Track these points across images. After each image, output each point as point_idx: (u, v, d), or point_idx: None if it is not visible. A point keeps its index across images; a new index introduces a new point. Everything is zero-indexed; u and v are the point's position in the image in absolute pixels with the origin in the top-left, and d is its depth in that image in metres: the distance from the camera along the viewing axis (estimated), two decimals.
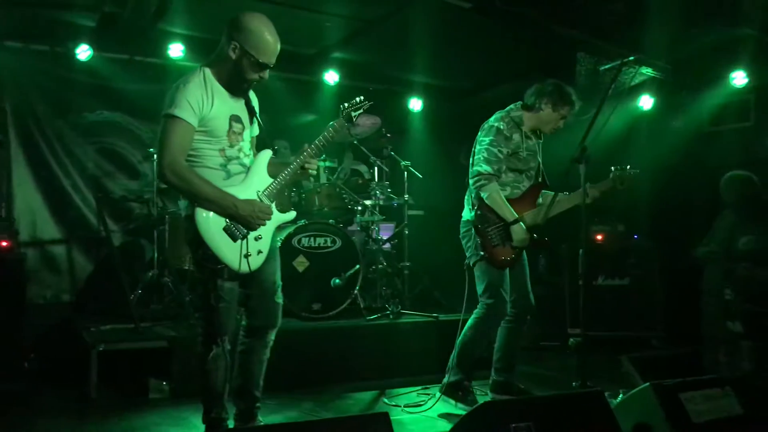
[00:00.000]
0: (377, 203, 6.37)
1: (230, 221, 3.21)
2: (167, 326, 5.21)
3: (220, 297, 3.27)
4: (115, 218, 6.59)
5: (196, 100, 3.15)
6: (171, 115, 3.13)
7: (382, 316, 5.68)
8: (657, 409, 2.86)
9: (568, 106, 4.24)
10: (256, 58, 3.20)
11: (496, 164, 4.12)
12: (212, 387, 3.38)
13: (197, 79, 3.22)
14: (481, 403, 2.60)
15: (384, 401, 4.57)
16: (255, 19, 3.23)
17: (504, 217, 4.10)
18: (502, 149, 4.13)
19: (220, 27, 3.23)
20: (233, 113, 3.32)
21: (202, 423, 3.47)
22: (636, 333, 6.38)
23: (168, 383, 4.60)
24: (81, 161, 6.56)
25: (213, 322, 3.30)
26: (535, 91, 4.28)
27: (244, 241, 3.23)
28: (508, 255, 4.15)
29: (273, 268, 3.50)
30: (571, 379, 4.27)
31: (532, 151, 4.31)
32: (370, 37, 6.24)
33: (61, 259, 6.39)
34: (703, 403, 2.92)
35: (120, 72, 6.48)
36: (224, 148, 3.29)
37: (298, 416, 4.14)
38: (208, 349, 3.34)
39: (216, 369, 3.35)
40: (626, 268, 6.54)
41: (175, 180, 3.14)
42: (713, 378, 3.11)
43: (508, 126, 4.19)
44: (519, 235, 4.09)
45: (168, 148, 3.13)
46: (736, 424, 2.95)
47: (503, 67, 7.02)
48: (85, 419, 4.05)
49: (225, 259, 3.19)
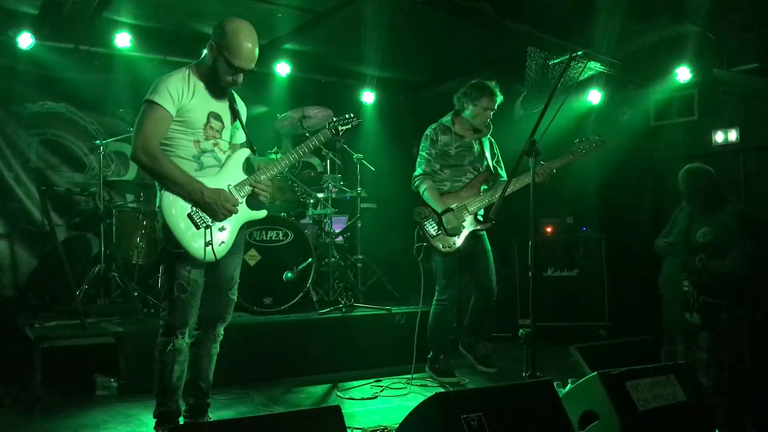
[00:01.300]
0: (330, 196, 6.35)
1: (195, 208, 3.23)
2: (114, 322, 5.12)
3: (182, 286, 3.27)
4: (59, 212, 6.39)
5: (176, 90, 3.25)
6: (149, 101, 3.23)
7: (334, 309, 5.67)
8: (604, 397, 2.90)
9: (485, 97, 4.72)
10: (230, 61, 3.28)
11: (427, 165, 4.72)
12: (168, 380, 3.34)
13: (181, 74, 3.34)
14: (431, 395, 2.60)
15: (337, 394, 4.57)
16: (235, 24, 3.32)
17: (435, 209, 4.62)
18: (430, 151, 4.73)
19: (169, 17, 3.20)
20: (212, 110, 3.39)
21: (153, 418, 3.42)
22: (584, 323, 6.51)
23: (115, 380, 4.52)
24: (23, 153, 6.36)
25: (174, 313, 3.29)
26: (457, 96, 4.83)
27: (208, 230, 3.25)
28: (447, 243, 4.61)
29: (234, 263, 3.52)
30: (521, 370, 4.34)
31: (466, 147, 4.78)
32: (322, 29, 6.20)
33: (3, 254, 6.18)
34: (649, 390, 2.99)
35: (64, 61, 6.31)
36: (199, 140, 3.34)
37: (249, 411, 4.11)
38: (166, 340, 3.31)
39: (173, 362, 3.32)
40: (575, 259, 6.67)
41: (146, 160, 3.21)
42: (658, 366, 3.18)
43: (434, 131, 4.78)
44: (450, 223, 4.58)
45: (143, 131, 3.21)
46: (680, 411, 3.02)
47: (456, 60, 7.06)
48: (30, 418, 3.95)
49: (185, 245, 3.21)
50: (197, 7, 5.77)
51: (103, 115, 6.68)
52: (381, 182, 7.20)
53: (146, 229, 5.79)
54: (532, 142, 3.61)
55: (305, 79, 7.41)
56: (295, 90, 7.12)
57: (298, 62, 6.97)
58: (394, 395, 4.54)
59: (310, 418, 2.47)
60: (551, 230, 6.84)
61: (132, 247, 5.75)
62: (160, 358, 3.34)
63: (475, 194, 4.73)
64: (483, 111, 4.76)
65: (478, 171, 4.85)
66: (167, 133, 3.27)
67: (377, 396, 4.52)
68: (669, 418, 2.98)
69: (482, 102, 4.74)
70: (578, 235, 6.84)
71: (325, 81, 7.65)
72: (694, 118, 6.59)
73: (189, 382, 3.49)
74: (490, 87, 4.76)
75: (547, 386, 2.89)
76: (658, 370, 3.16)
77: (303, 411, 2.59)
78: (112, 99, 6.50)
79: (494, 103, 4.78)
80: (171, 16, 6.02)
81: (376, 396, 4.52)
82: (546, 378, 3.10)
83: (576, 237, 6.79)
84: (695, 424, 3.07)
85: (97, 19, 5.88)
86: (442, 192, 4.75)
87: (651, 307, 5.54)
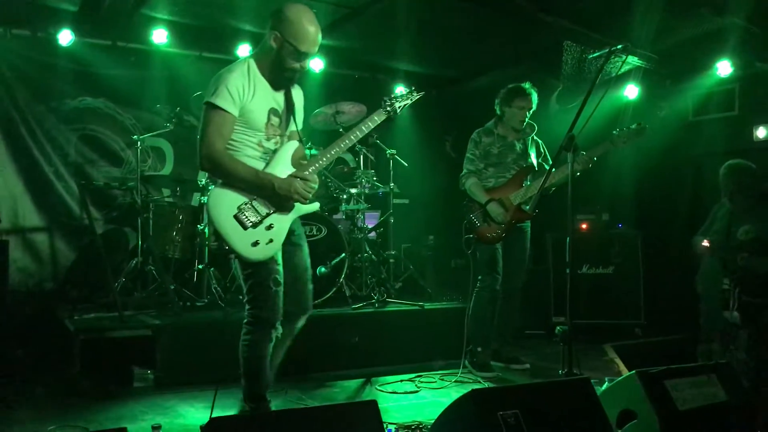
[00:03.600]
0: (363, 191, 6.35)
1: (242, 207, 3.22)
2: (151, 315, 5.18)
3: (277, 280, 3.31)
4: (97, 206, 6.51)
5: (237, 89, 3.20)
6: (212, 104, 3.19)
7: (367, 304, 5.67)
8: (642, 396, 2.87)
9: (518, 97, 4.97)
10: (296, 47, 3.25)
11: (471, 165, 5.04)
12: (265, 372, 3.41)
13: (241, 68, 3.28)
14: (467, 392, 2.59)
15: (376, 388, 4.59)
16: (296, 9, 3.28)
17: (479, 201, 4.90)
18: (475, 152, 5.05)
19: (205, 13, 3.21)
20: (272, 106, 3.37)
21: (246, 406, 3.47)
22: (619, 321, 6.44)
23: (152, 372, 4.58)
24: (63, 148, 6.48)
25: (273, 307, 3.33)
26: (496, 102, 5.09)
27: (255, 230, 3.23)
28: (493, 231, 4.88)
29: (304, 253, 3.53)
30: (556, 367, 4.30)
31: (508, 146, 5.04)
32: (355, 24, 6.20)
33: (43, 247, 6.31)
34: (689, 390, 2.94)
35: (102, 58, 6.41)
36: (261, 141, 3.34)
37: (283, 405, 4.13)
38: (263, 335, 3.35)
39: (269, 355, 3.40)
40: (610, 256, 6.58)
41: (211, 167, 3.24)
42: (698, 365, 3.13)
43: (478, 134, 5.09)
44: (494, 211, 4.85)
45: (205, 138, 3.21)
46: (720, 411, 2.97)
47: (490, 55, 7.01)
48: (69, 408, 4.01)
49: (234, 246, 3.20)
50: (232, 3, 5.81)
51: (140, 111, 6.78)
52: (413, 178, 7.19)
53: (182, 223, 5.86)
54: (571, 137, 3.57)
55: (338, 74, 7.42)
56: (328, 86, 7.13)
57: (332, 58, 6.98)
58: (429, 390, 4.54)
59: (347, 412, 2.47)
60: (586, 227, 6.77)
61: (168, 241, 5.81)
62: (257, 353, 3.37)
63: (518, 187, 4.94)
64: (519, 111, 4.97)
65: (522, 168, 5.02)
66: (232, 134, 3.25)
67: (420, 389, 4.54)
68: (709, 419, 2.93)
69: (516, 102, 4.97)
70: (614, 231, 6.76)
71: (357, 77, 7.65)
72: (735, 113, 6.46)
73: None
74: (523, 87, 4.98)
75: (586, 384, 2.86)
76: (698, 369, 3.12)
77: (340, 405, 2.60)
78: (148, 94, 6.59)
79: (528, 101, 4.97)
80: (207, 12, 6.07)
81: (419, 389, 4.54)
82: (584, 376, 3.06)
83: (612, 234, 6.71)
84: (736, 425, 3.02)
85: (135, 15, 5.96)
86: (488, 188, 4.97)
87: (687, 305, 5.45)
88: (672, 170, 6.85)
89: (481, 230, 4.91)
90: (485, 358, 4.97)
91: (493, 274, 4.93)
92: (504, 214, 4.84)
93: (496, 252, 4.94)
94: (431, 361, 5.19)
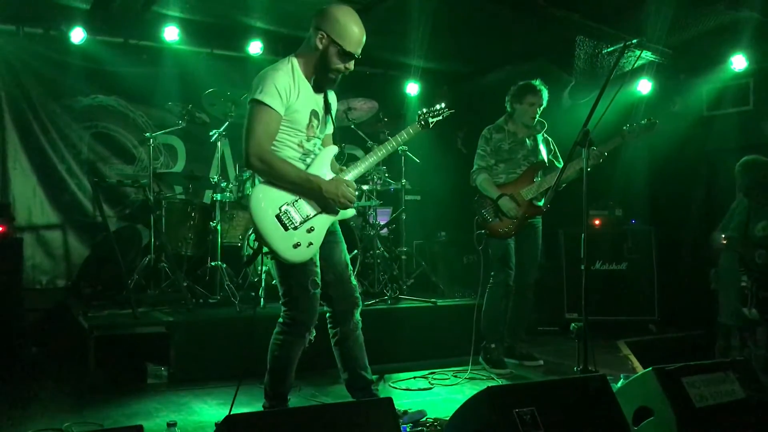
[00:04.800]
0: (374, 188, 6.34)
1: (284, 209, 3.18)
2: (164, 311, 5.19)
3: (315, 282, 3.29)
4: (110, 203, 6.53)
5: (284, 87, 3.17)
6: (259, 101, 3.14)
7: (379, 301, 5.67)
8: (659, 393, 2.84)
9: (528, 94, 4.96)
10: (343, 47, 3.23)
11: (482, 161, 5.03)
12: (291, 373, 3.42)
13: (286, 67, 3.24)
14: (483, 389, 2.57)
15: (390, 385, 4.59)
16: (342, 9, 3.28)
17: (490, 196, 4.90)
18: (485, 148, 5.04)
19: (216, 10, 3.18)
20: (313, 108, 3.34)
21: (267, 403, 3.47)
22: (632, 318, 6.40)
23: (166, 368, 4.59)
24: (76, 146, 6.51)
25: (310, 310, 3.32)
26: (506, 100, 5.09)
27: (296, 232, 3.19)
28: (505, 227, 4.89)
29: (342, 251, 3.51)
30: (570, 364, 4.28)
31: (518, 142, 5.02)
32: (367, 19, 6.14)
33: (56, 244, 6.35)
34: (706, 387, 2.91)
35: (114, 55, 6.44)
36: (302, 141, 3.31)
37: (298, 402, 4.12)
38: (299, 337, 3.35)
39: (298, 357, 3.40)
40: (623, 252, 6.55)
41: (261, 167, 3.16)
42: (715, 362, 3.10)
43: (489, 131, 5.09)
44: (505, 206, 4.85)
45: (254, 135, 3.14)
46: (738, 408, 2.94)
47: (502, 51, 6.98)
48: (84, 405, 4.02)
49: (275, 247, 3.16)
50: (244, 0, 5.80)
51: (152, 108, 6.79)
52: (425, 174, 7.17)
53: (195, 220, 5.87)
54: (586, 132, 3.54)
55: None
56: (339, 82, 7.10)
57: None
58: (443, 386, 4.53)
59: (363, 409, 2.46)
60: (599, 222, 6.73)
61: (181, 238, 5.83)
62: (286, 354, 3.37)
63: (530, 183, 4.94)
64: (530, 107, 4.97)
65: (531, 163, 5.01)
66: (277, 134, 3.22)
67: (433, 386, 4.54)
68: (727, 416, 2.90)
69: (526, 99, 4.97)
70: (627, 227, 6.72)
71: (369, 72, 7.62)
72: (750, 108, 6.41)
73: (350, 378, 3.58)
74: (533, 84, 4.99)
75: (602, 381, 2.83)
76: (715, 366, 3.09)
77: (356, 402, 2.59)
78: (160, 92, 6.59)
79: (539, 97, 4.96)
80: (218, 9, 6.07)
81: (432, 386, 4.54)
82: (600, 373, 3.04)
83: (625, 229, 6.66)
84: (755, 422, 2.98)
85: (146, 13, 5.97)
86: (499, 184, 4.96)
87: (701, 301, 5.43)
88: (686, 166, 6.80)
89: (493, 226, 4.92)
90: (499, 354, 4.95)
91: (506, 269, 4.92)
92: (516, 209, 4.85)
93: (509, 247, 4.94)
94: (443, 358, 5.17)
